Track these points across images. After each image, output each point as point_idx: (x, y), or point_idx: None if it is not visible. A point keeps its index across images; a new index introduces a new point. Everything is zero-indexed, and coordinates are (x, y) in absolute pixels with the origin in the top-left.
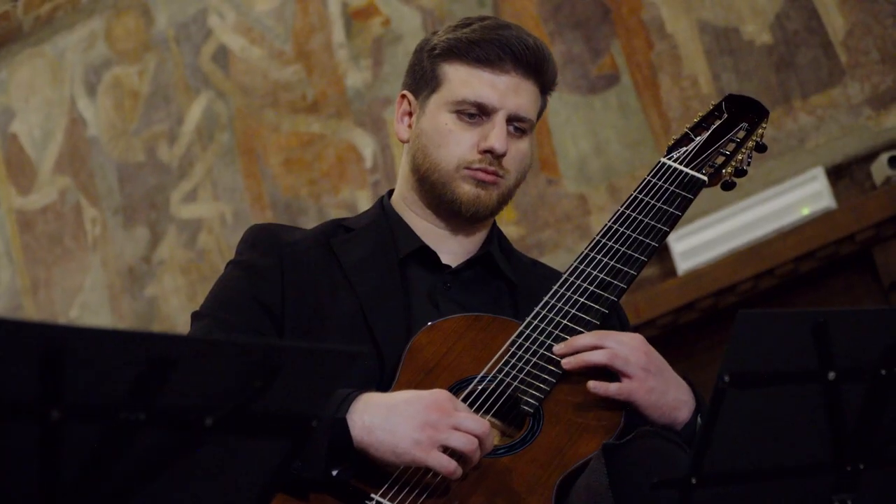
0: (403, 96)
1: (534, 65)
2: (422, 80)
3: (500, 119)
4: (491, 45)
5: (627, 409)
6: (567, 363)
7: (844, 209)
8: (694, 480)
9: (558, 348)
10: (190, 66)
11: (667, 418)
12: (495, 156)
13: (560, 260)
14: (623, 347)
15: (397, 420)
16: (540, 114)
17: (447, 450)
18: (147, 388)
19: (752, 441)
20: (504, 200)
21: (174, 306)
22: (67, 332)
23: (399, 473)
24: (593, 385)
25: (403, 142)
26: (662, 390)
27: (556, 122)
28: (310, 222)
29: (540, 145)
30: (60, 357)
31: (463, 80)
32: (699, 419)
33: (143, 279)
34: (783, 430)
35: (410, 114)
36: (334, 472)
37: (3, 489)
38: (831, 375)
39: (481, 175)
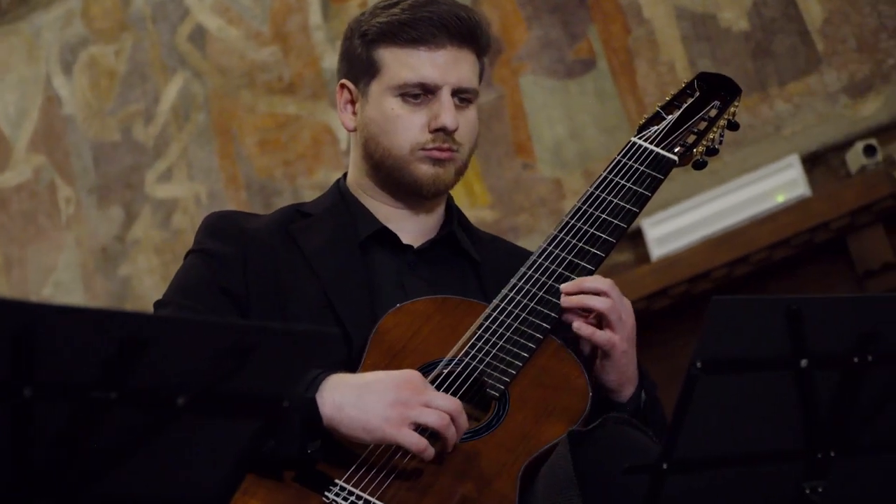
0: (343, 85)
1: (468, 34)
2: (359, 67)
3: (445, 95)
4: (424, 24)
5: (592, 396)
6: (567, 301)
7: (819, 197)
8: (665, 466)
9: (567, 286)
10: (166, 45)
11: (619, 386)
12: (447, 133)
13: (535, 244)
14: (623, 305)
15: (368, 398)
16: (480, 77)
17: (419, 429)
18: (119, 367)
19: (724, 427)
20: (461, 172)
21: (148, 286)
22: (40, 310)
23: (363, 459)
24: (578, 325)
25: (350, 131)
26: (629, 360)
27: (533, 106)
28: (284, 203)
29: (515, 129)
30: (32, 335)
31: (402, 63)
32: (643, 394)
33: (116, 259)
34: (755, 417)
35: (352, 102)
36: (309, 450)
37: None
38: (804, 363)
39: (436, 154)
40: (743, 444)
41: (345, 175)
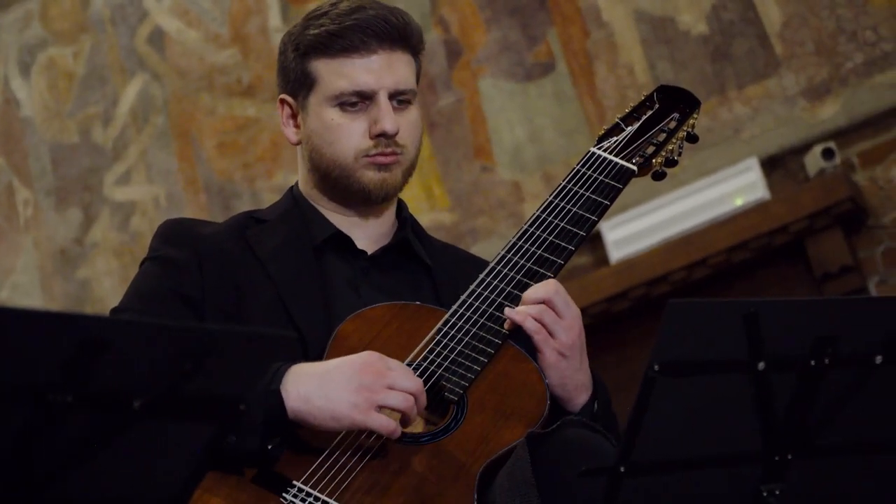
0: (283, 101)
1: (398, 36)
2: (295, 81)
3: (382, 100)
4: (352, 32)
5: (551, 400)
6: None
7: (778, 200)
8: (622, 469)
9: (509, 312)
10: (125, 47)
11: (566, 392)
12: (388, 136)
13: (494, 247)
14: (570, 312)
15: (332, 386)
16: (418, 77)
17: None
18: (76, 370)
19: (682, 430)
20: (408, 174)
21: (106, 289)
22: None
23: (322, 460)
24: (509, 312)
25: (295, 144)
26: (574, 368)
27: (492, 109)
28: (243, 206)
29: (475, 132)
30: None
31: (336, 73)
32: (596, 405)
33: (75, 261)
34: (713, 420)
35: (294, 116)
36: (269, 447)
37: None
38: (761, 365)
39: (381, 159)
40: (700, 446)
41: (297, 182)
